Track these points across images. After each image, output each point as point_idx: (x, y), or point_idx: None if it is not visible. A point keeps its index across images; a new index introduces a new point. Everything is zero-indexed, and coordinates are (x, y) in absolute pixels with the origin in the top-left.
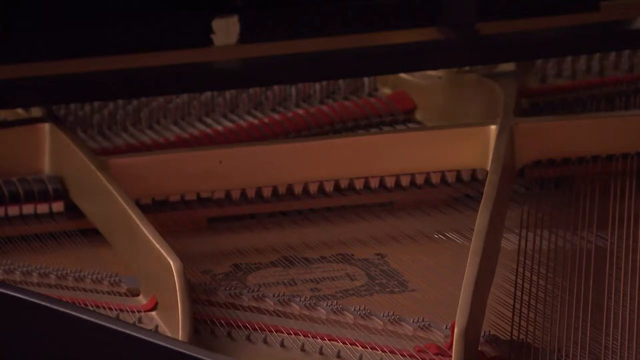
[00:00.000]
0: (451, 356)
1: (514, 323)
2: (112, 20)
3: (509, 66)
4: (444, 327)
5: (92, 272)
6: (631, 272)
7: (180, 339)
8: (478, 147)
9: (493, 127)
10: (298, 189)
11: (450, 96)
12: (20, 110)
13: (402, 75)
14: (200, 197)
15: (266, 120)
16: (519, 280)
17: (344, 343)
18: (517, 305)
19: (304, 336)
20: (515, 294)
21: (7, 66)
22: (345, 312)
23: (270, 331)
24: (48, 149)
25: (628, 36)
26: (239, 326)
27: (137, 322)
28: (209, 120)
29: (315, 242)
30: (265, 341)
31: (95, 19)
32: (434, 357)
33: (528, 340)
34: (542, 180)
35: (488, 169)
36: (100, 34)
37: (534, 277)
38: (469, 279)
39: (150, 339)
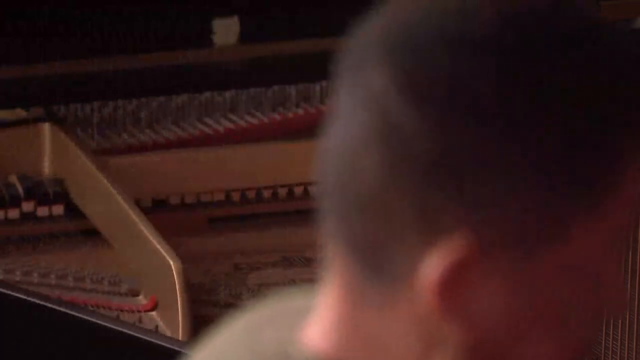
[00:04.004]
0: None
1: None
2: (112, 20)
3: None
4: None
5: (92, 272)
6: (631, 272)
7: (180, 339)
8: None
9: None
10: (298, 190)
11: None
12: (20, 110)
13: None
14: (201, 198)
15: (266, 120)
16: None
17: None
18: None
19: None
20: None
21: (7, 66)
22: None
23: None
24: (48, 149)
25: None
26: None
27: (137, 322)
28: (209, 120)
29: (315, 242)
30: None
31: (95, 19)
32: None
33: None
34: None
35: None
36: (100, 34)
37: None
38: None
39: (150, 339)
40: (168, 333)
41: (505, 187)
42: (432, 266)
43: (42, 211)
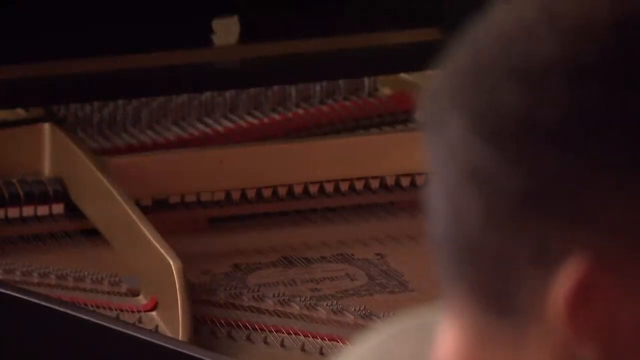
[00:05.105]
0: None
1: None
2: (112, 20)
3: None
4: None
5: (92, 272)
6: None
7: (180, 339)
8: None
9: None
10: (298, 189)
11: None
12: (20, 110)
13: (402, 75)
14: (200, 198)
15: (266, 120)
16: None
17: (344, 343)
18: None
19: (304, 336)
20: None
21: (7, 66)
22: (345, 312)
23: (270, 331)
24: (48, 149)
25: None
26: (239, 326)
27: (137, 322)
28: (209, 120)
29: (315, 242)
30: (265, 341)
31: (95, 19)
32: None
33: None
34: None
35: None
36: (100, 34)
37: None
38: None
39: (150, 339)
40: (168, 333)
41: (604, 199)
42: (557, 294)
43: (42, 211)
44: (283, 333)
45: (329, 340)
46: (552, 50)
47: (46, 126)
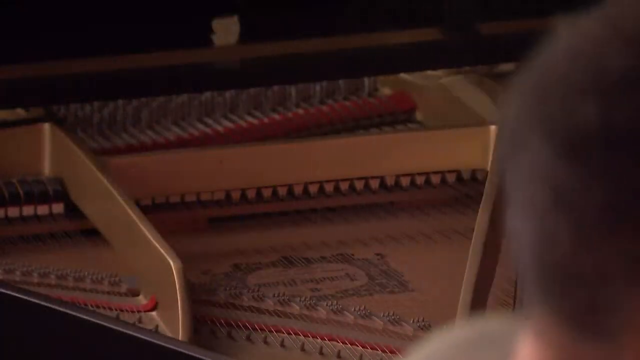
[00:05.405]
0: None
1: None
2: (112, 20)
3: (509, 66)
4: (444, 327)
5: (92, 272)
6: None
7: (180, 339)
8: (478, 147)
9: (493, 127)
10: (298, 189)
11: (451, 96)
12: (20, 110)
13: (402, 75)
14: (200, 197)
15: (266, 120)
16: (519, 280)
17: (344, 343)
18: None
19: (304, 336)
20: (515, 293)
21: (7, 66)
22: (345, 312)
23: (270, 331)
24: (48, 149)
25: None
26: (239, 326)
27: (137, 322)
28: (209, 120)
29: (315, 242)
30: (265, 341)
31: (95, 19)
32: None
33: None
34: None
35: (488, 169)
36: (100, 34)
37: None
38: (469, 279)
39: (150, 339)
40: (168, 333)
41: None
42: None
43: (42, 210)
44: (283, 333)
45: (329, 340)
46: (622, 62)
47: (46, 126)
